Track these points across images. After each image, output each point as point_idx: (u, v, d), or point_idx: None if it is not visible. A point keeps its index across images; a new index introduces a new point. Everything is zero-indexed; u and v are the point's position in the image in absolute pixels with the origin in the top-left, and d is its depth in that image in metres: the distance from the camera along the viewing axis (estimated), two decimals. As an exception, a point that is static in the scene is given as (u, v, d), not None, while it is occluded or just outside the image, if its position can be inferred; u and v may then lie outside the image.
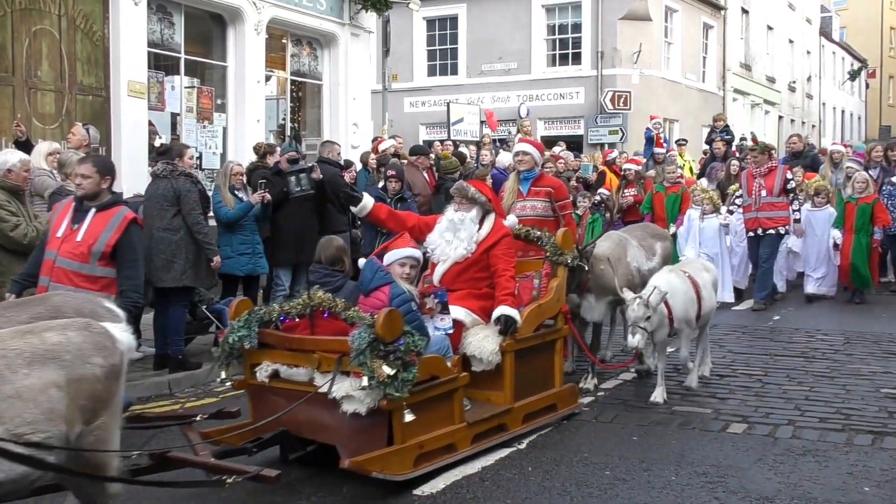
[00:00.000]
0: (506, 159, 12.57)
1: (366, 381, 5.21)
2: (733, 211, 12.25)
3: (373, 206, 7.03)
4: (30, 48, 10.91)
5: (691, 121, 28.90)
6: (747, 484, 5.56)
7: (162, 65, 12.95)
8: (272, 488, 5.22)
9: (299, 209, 9.96)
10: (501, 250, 6.64)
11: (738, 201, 12.11)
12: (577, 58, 27.67)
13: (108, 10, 11.71)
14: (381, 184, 10.57)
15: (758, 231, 11.73)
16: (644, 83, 27.00)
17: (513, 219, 7.35)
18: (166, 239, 8.41)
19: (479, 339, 6.36)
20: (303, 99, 15.97)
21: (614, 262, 7.94)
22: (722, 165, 14.91)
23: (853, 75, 52.29)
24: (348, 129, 15.62)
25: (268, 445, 5.71)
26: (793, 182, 11.87)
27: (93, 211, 6.08)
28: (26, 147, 8.88)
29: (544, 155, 10.36)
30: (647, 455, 6.15)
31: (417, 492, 5.49)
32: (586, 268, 7.53)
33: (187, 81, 13.41)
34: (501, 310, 6.39)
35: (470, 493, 5.52)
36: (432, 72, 29.49)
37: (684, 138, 21.57)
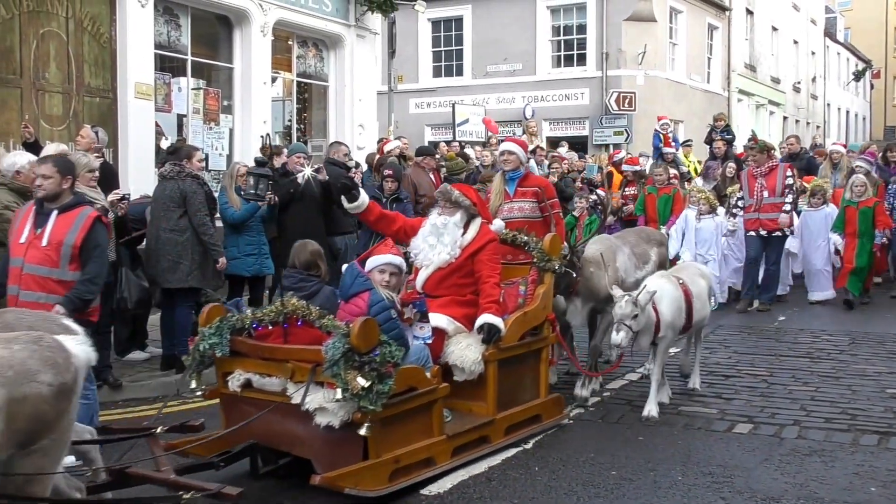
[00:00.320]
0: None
1: (340, 392, 5.01)
2: (736, 214, 11.93)
3: (367, 206, 6.78)
4: (37, 50, 10.97)
5: (696, 121, 28.80)
6: (753, 484, 5.58)
7: (168, 66, 13.02)
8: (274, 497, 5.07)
9: (305, 210, 9.95)
10: (487, 256, 6.45)
11: (740, 203, 11.85)
12: (581, 59, 27.69)
13: (115, 13, 11.78)
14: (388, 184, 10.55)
15: (759, 231, 11.55)
16: (649, 84, 27.03)
17: (499, 223, 7.12)
18: (173, 240, 8.44)
19: (462, 348, 6.14)
20: (309, 100, 16.01)
21: (606, 264, 7.72)
22: (718, 164, 14.82)
23: (858, 76, 52.30)
24: (354, 131, 15.68)
25: (237, 459, 5.49)
26: (791, 179, 11.63)
27: (55, 213, 5.90)
28: (35, 148, 8.89)
29: (529, 154, 10.10)
30: (653, 455, 6.17)
31: (424, 491, 5.51)
32: (578, 265, 7.36)
33: (194, 83, 13.47)
34: (484, 318, 6.18)
35: (477, 492, 5.54)
36: (437, 73, 29.53)
37: (689, 139, 21.56)
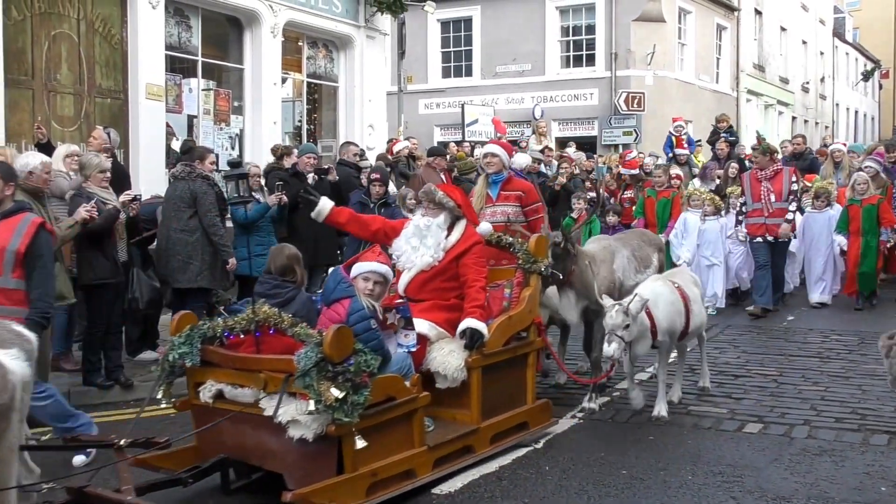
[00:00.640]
0: (521, 160, 12.54)
1: (313, 404, 4.78)
2: (741, 221, 11.51)
3: (330, 211, 6.58)
4: (49, 52, 11.02)
5: (705, 122, 28.65)
6: (764, 484, 5.59)
7: (179, 67, 13.07)
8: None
9: (316, 210, 9.98)
10: (472, 259, 6.25)
11: (744, 209, 11.45)
12: (590, 59, 27.71)
13: (126, 14, 11.84)
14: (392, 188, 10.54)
15: (766, 237, 11.23)
16: (658, 84, 27.02)
17: (486, 226, 6.86)
18: (183, 240, 8.50)
19: (444, 355, 5.92)
20: (319, 101, 16.06)
21: (598, 263, 7.64)
22: (716, 164, 14.75)
23: (866, 76, 52.16)
24: (364, 131, 15.72)
25: (206, 474, 5.29)
26: (796, 185, 11.37)
27: None
28: (47, 149, 8.95)
29: (513, 156, 9.87)
30: (663, 455, 6.18)
31: (436, 491, 5.53)
32: (573, 252, 7.27)
33: (204, 84, 13.52)
34: (467, 322, 5.95)
35: (488, 492, 5.56)
36: (447, 73, 29.58)
37: (698, 139, 21.53)
